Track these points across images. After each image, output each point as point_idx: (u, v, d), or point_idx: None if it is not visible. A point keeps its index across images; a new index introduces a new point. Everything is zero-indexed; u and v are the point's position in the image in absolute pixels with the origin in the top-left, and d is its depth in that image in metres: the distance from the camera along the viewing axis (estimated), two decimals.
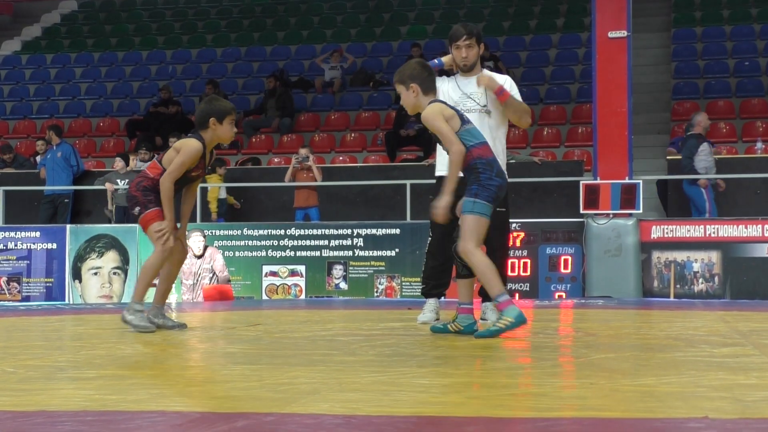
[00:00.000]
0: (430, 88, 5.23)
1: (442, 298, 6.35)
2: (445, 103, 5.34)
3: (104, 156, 17.17)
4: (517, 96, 6.22)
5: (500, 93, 6.07)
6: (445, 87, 6.16)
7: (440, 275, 6.23)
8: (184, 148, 5.67)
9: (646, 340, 5.15)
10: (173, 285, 6.20)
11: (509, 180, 6.34)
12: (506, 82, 6.23)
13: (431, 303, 6.22)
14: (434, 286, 6.25)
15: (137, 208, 5.74)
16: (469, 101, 6.08)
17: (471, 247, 5.04)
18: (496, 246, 6.23)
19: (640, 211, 11.20)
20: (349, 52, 19.30)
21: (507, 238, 6.47)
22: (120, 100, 19.52)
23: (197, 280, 11.03)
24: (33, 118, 19.30)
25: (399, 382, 3.39)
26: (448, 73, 6.39)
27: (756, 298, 10.63)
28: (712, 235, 10.99)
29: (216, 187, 13.47)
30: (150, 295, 5.90)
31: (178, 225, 5.88)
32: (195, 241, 11.08)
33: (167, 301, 6.29)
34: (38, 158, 15.11)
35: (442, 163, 5.95)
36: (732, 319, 6.64)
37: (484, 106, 6.09)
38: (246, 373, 3.75)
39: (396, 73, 5.35)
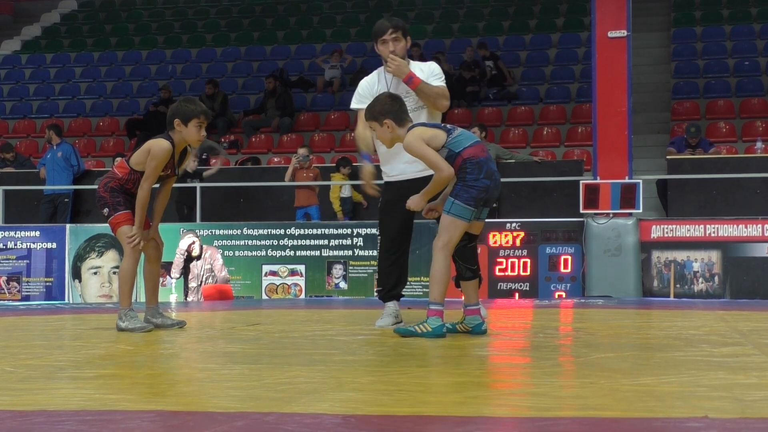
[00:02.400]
0: (404, 119, 5.20)
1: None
2: (425, 124, 5.28)
3: (104, 156, 17.16)
4: (440, 80, 5.91)
5: (409, 81, 5.85)
6: (377, 87, 5.96)
7: (395, 276, 5.98)
8: (154, 151, 5.64)
9: (645, 340, 5.16)
10: (160, 282, 6.18)
11: (510, 180, 6.34)
12: (430, 68, 5.98)
13: (390, 306, 5.97)
14: (390, 288, 5.99)
15: (106, 209, 5.75)
16: (404, 100, 5.65)
17: (439, 246, 5.06)
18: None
19: (640, 210, 11.20)
20: (350, 52, 19.31)
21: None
22: (120, 100, 19.52)
23: (200, 281, 11.06)
24: (33, 117, 19.30)
25: (399, 382, 3.39)
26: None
27: (756, 297, 10.64)
28: (712, 234, 10.99)
29: (337, 185, 13.19)
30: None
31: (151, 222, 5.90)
32: (185, 241, 11.09)
33: (169, 301, 6.30)
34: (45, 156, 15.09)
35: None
36: (732, 319, 6.64)
37: (418, 102, 5.88)
38: (246, 372, 3.75)
39: (366, 110, 5.32)
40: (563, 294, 11.11)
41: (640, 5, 16.55)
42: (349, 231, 11.90)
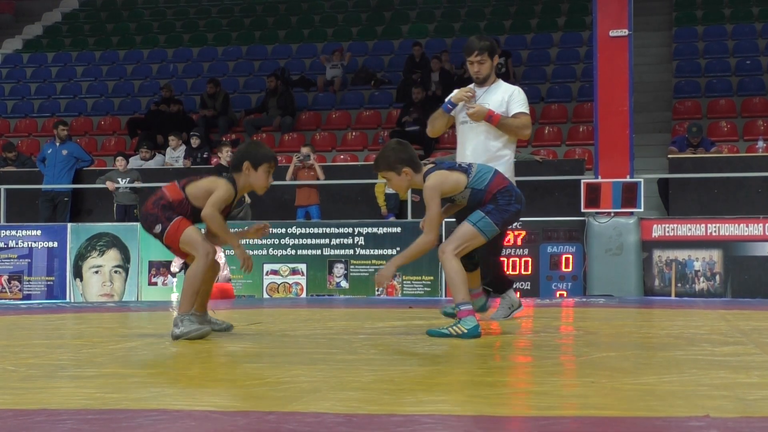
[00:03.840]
0: (419, 165, 5.19)
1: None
2: (446, 165, 5.32)
3: (105, 155, 17.17)
4: (521, 106, 6.27)
5: (489, 119, 6.16)
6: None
7: (491, 277, 6.29)
8: (220, 187, 5.22)
9: (647, 339, 5.16)
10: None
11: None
12: (513, 94, 6.31)
13: (505, 297, 6.34)
14: (489, 285, 6.29)
15: (158, 226, 5.18)
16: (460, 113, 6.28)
17: (449, 251, 5.07)
18: (492, 250, 6.16)
19: (641, 209, 11.20)
20: (350, 51, 19.31)
21: (500, 241, 6.42)
22: (121, 99, 19.52)
23: None
24: (34, 116, 19.30)
25: (400, 381, 3.39)
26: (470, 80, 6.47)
27: (757, 296, 10.63)
28: (713, 233, 10.98)
29: (382, 183, 13.06)
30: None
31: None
32: None
33: (170, 300, 6.23)
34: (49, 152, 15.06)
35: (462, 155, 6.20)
36: (733, 318, 6.64)
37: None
38: (247, 371, 3.76)
39: (379, 162, 5.21)
40: (564, 293, 11.11)
41: (642, 4, 16.54)
42: (350, 230, 11.90)
